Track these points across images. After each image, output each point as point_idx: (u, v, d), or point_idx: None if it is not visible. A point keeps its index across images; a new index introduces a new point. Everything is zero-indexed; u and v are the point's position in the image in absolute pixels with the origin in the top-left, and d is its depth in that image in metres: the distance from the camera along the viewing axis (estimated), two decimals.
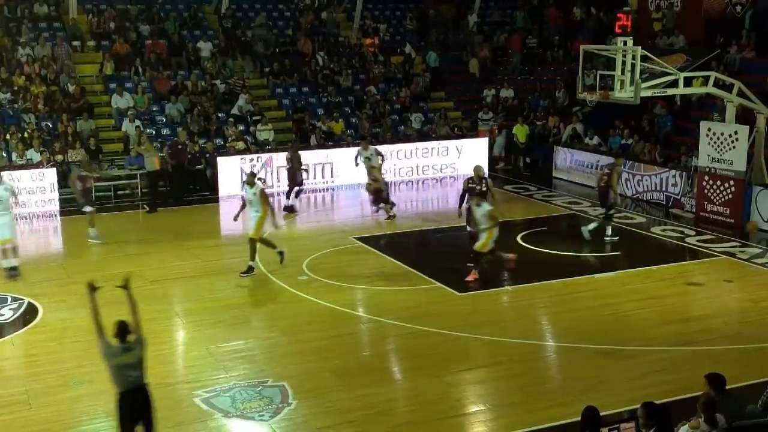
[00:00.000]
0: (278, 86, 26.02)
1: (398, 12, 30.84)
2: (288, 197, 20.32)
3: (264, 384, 10.46)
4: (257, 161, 21.95)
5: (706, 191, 18.59)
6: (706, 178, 18.56)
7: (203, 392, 10.21)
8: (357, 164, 20.32)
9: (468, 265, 14.56)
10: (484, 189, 15.99)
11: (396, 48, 28.93)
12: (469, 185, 16.26)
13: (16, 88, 23.24)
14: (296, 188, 20.29)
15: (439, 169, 23.93)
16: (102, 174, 20.49)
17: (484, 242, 14.37)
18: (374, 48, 28.30)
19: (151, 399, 8.08)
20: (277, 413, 9.70)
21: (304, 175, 20.77)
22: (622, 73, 16.90)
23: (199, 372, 10.90)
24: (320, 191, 22.34)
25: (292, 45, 27.55)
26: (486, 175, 16.15)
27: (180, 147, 21.53)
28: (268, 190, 21.91)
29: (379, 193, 19.05)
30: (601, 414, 7.60)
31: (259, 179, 22.05)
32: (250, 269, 14.74)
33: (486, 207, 14.50)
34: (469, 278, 14.39)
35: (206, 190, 21.85)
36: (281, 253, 15.06)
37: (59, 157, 21.27)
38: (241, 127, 23.49)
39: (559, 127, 24.86)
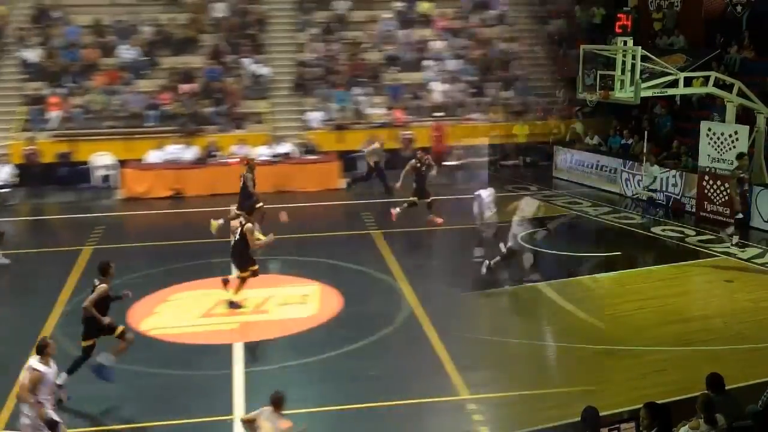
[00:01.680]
0: None
1: None
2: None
3: None
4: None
5: (706, 191, 18.58)
6: (706, 178, 18.55)
7: None
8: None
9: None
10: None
11: None
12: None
13: None
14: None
15: None
16: None
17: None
18: None
19: None
20: None
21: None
22: (622, 73, 16.89)
23: None
24: None
25: None
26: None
27: None
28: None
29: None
30: (601, 414, 7.61)
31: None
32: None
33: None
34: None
35: None
36: None
37: None
38: None
39: (560, 127, 24.83)
